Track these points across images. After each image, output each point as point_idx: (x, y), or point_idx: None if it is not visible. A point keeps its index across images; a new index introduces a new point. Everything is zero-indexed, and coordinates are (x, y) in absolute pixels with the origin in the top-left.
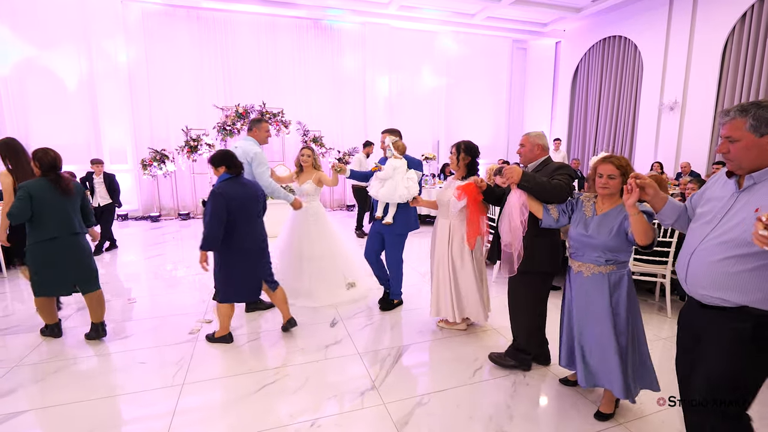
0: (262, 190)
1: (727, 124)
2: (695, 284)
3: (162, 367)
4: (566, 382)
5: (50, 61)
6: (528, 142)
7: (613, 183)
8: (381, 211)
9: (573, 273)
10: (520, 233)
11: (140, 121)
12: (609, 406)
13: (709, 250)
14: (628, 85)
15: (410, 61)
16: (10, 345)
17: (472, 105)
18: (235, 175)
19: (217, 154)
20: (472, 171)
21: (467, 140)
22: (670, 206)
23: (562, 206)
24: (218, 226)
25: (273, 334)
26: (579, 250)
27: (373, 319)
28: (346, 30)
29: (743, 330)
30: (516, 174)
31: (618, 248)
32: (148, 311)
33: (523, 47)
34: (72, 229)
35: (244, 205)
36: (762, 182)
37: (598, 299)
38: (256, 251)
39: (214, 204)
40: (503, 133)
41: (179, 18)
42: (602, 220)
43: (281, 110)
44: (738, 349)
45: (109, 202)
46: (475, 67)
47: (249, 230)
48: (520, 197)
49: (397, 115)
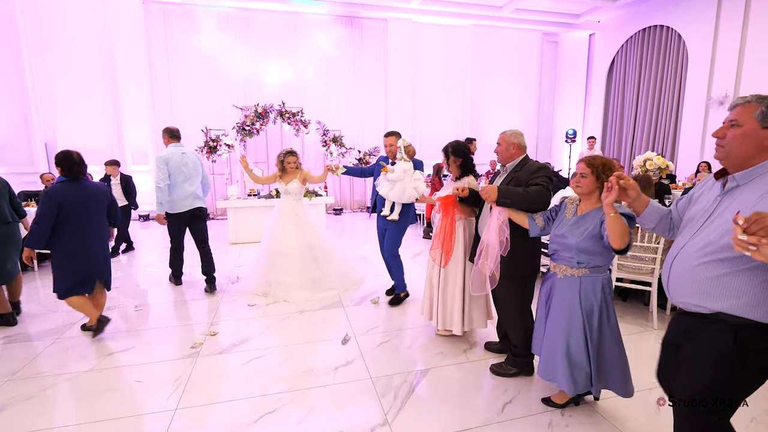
0: (108, 192)
1: (738, 107)
2: (676, 291)
3: (157, 387)
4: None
5: (75, 64)
6: (504, 141)
7: (585, 181)
8: (388, 209)
9: (549, 273)
10: (498, 253)
11: (161, 121)
12: (560, 397)
13: (688, 255)
14: (670, 79)
15: (434, 58)
16: (8, 355)
17: (498, 102)
18: (72, 179)
19: (59, 156)
20: (467, 169)
21: (453, 141)
22: (652, 209)
23: (546, 213)
24: (46, 226)
25: (283, 350)
26: (556, 251)
27: (389, 336)
28: (367, 26)
29: (724, 342)
30: (492, 192)
31: (591, 251)
32: (154, 320)
33: (554, 40)
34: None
35: (80, 207)
36: (744, 185)
37: (567, 302)
38: (88, 249)
39: (43, 206)
40: (532, 132)
41: (200, 18)
42: (579, 221)
43: (300, 109)
44: (720, 362)
45: (126, 204)
46: (503, 62)
47: (82, 230)
48: (500, 215)
49: (419, 114)
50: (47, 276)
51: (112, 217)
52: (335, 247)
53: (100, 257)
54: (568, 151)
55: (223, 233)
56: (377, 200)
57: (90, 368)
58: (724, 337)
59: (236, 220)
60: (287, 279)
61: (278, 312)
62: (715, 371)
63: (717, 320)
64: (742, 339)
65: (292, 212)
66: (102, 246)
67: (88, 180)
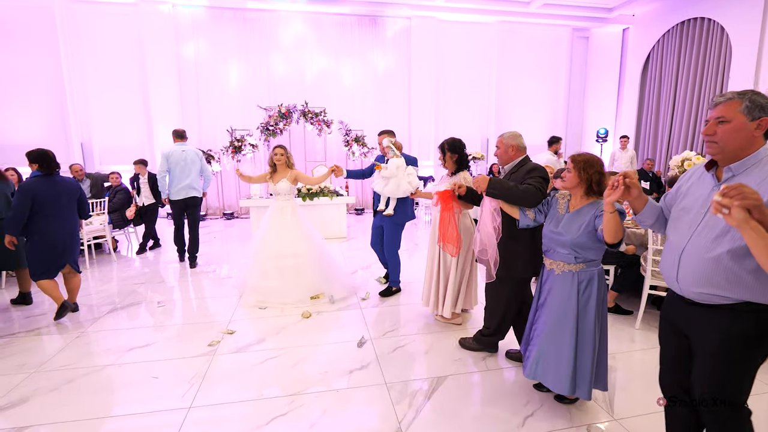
0: (78, 187)
1: (720, 105)
2: (688, 283)
3: (174, 384)
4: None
5: (109, 68)
6: (502, 144)
7: (568, 176)
8: (383, 204)
9: (546, 270)
10: (494, 239)
11: (189, 122)
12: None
13: (700, 246)
14: (711, 75)
15: (458, 56)
16: (37, 347)
17: (525, 101)
18: (47, 174)
19: (33, 153)
20: (463, 165)
21: (449, 138)
22: (650, 207)
23: (539, 207)
24: (21, 215)
25: (297, 350)
26: (550, 247)
27: (406, 340)
28: (391, 25)
29: (744, 332)
30: (483, 182)
31: (586, 245)
32: (176, 316)
33: (585, 36)
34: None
35: (52, 199)
36: (740, 174)
37: (567, 298)
38: (61, 236)
39: (19, 197)
40: (560, 132)
41: (226, 20)
42: (573, 217)
43: (323, 109)
44: (739, 349)
45: (153, 202)
46: (530, 59)
47: (55, 219)
48: (491, 203)
49: (443, 113)
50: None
51: (81, 209)
52: (329, 251)
53: (70, 245)
54: (599, 151)
55: (246, 232)
56: (375, 197)
57: (111, 362)
58: (744, 322)
59: (258, 218)
60: (276, 284)
61: (296, 312)
62: (735, 359)
63: (734, 308)
64: (763, 324)
65: (281, 214)
66: (72, 235)
67: (60, 175)
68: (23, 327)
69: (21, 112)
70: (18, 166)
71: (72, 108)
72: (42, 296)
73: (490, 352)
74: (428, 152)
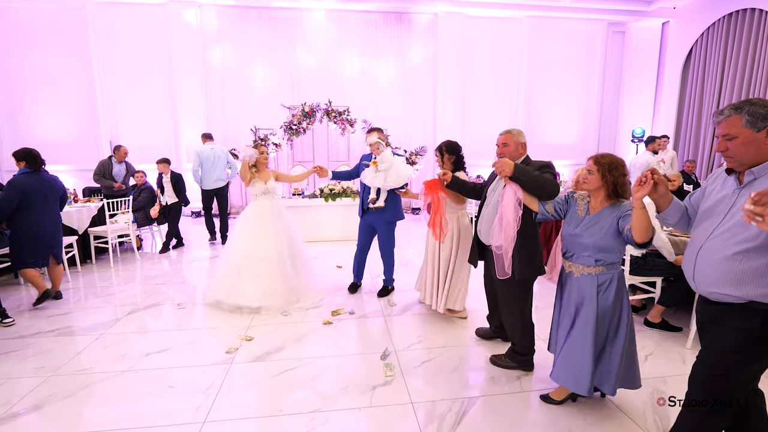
0: (62, 186)
1: (722, 123)
2: (703, 282)
3: (189, 394)
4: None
5: (138, 68)
6: (512, 141)
7: (591, 178)
8: (374, 193)
9: (565, 272)
10: (513, 231)
11: (214, 121)
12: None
13: (716, 247)
14: (762, 70)
15: (486, 52)
16: (57, 349)
17: (556, 99)
18: (35, 170)
19: (20, 152)
20: (459, 166)
21: (446, 141)
22: (675, 206)
23: (557, 203)
24: (7, 208)
25: (318, 362)
26: (570, 250)
27: (433, 354)
28: (417, 21)
29: (751, 329)
30: (508, 167)
31: (608, 248)
32: (194, 319)
33: (621, 30)
34: None
35: (39, 194)
36: (762, 177)
37: (586, 300)
38: (50, 228)
39: (7, 192)
40: (593, 131)
41: (251, 19)
42: (594, 219)
43: (347, 108)
44: (744, 348)
45: (176, 201)
46: (562, 56)
47: (42, 212)
48: (516, 193)
49: (470, 111)
50: (103, 270)
51: (61, 205)
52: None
53: (56, 236)
54: (634, 152)
55: None
56: (364, 197)
57: (128, 368)
58: (753, 326)
59: None
60: (255, 287)
61: (316, 319)
62: (734, 354)
63: (745, 309)
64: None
65: (274, 212)
66: (57, 226)
67: (47, 172)
68: (45, 327)
69: (53, 111)
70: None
71: (101, 107)
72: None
73: (525, 371)
74: None
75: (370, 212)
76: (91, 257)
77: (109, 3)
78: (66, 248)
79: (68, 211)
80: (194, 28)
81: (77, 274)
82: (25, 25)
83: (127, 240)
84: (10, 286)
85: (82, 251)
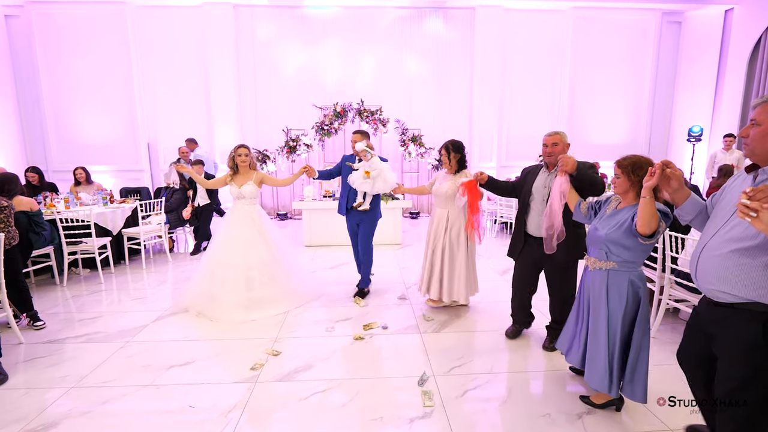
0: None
1: (757, 108)
2: (704, 280)
3: (209, 415)
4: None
5: (174, 70)
6: (561, 142)
7: (618, 182)
8: (361, 197)
9: (585, 266)
10: (558, 218)
11: (247, 122)
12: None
13: (717, 245)
14: None
15: (526, 48)
16: (81, 356)
17: (603, 96)
18: None
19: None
20: (462, 165)
21: (451, 140)
22: (692, 202)
23: (590, 203)
24: None
25: (348, 384)
26: (589, 244)
27: (478, 381)
28: (453, 17)
29: (755, 331)
30: (572, 162)
31: (619, 242)
32: (221, 329)
33: (677, 20)
34: None
35: None
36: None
37: (597, 295)
38: None
39: None
40: (643, 130)
41: (285, 18)
42: (614, 214)
43: (379, 108)
44: (752, 351)
45: (208, 203)
46: (609, 49)
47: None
48: (562, 185)
49: (508, 110)
50: (136, 271)
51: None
52: (294, 260)
53: None
54: (690, 152)
55: (298, 234)
56: (349, 198)
57: (149, 382)
58: (754, 325)
59: (311, 221)
60: (222, 295)
61: (347, 332)
62: (747, 361)
63: (746, 309)
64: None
65: (249, 219)
66: None
67: None
68: (74, 332)
69: (95, 114)
70: (88, 165)
71: (140, 109)
72: (93, 298)
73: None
74: (491, 152)
75: (354, 212)
76: (125, 258)
77: (147, 7)
78: (100, 249)
79: (103, 212)
80: (228, 28)
81: (110, 275)
82: (70, 31)
83: (160, 241)
84: (47, 285)
85: (116, 252)
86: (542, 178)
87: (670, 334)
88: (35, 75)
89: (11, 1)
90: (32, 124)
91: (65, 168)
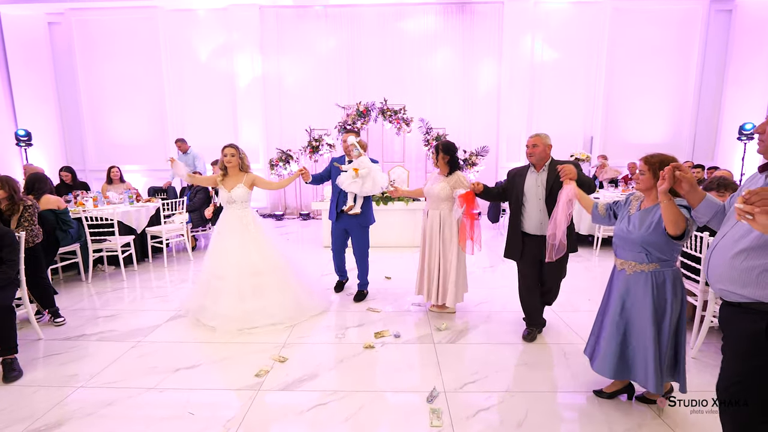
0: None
1: None
2: (715, 279)
3: (207, 425)
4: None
5: (201, 71)
6: (541, 143)
7: (643, 178)
8: (351, 200)
9: (616, 270)
10: (564, 225)
11: (272, 122)
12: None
13: (728, 245)
14: None
15: (558, 42)
16: (94, 354)
17: (642, 94)
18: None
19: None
20: (455, 166)
21: (444, 141)
22: (707, 204)
23: (608, 204)
24: None
25: (354, 397)
26: (620, 246)
27: (493, 399)
28: (480, 12)
29: (759, 330)
30: (573, 172)
31: (656, 244)
32: (231, 331)
33: (727, 9)
34: None
35: None
36: None
37: (642, 297)
38: None
39: None
40: (688, 128)
41: (309, 18)
42: (643, 215)
43: (403, 107)
44: (755, 350)
45: None
46: (650, 43)
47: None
48: (568, 193)
49: (538, 109)
50: (158, 271)
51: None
52: (296, 269)
53: None
54: (741, 150)
55: (317, 235)
56: (339, 201)
57: (154, 385)
58: (758, 325)
59: (328, 222)
60: (215, 308)
61: (358, 340)
62: (749, 360)
63: (752, 309)
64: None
65: (242, 225)
66: None
67: None
68: (90, 329)
69: (128, 115)
70: (121, 165)
71: (170, 110)
72: (115, 295)
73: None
74: (519, 153)
75: (344, 217)
76: (148, 256)
77: (177, 10)
78: (123, 247)
79: (128, 210)
80: (254, 30)
81: (133, 272)
82: (104, 36)
83: (183, 240)
84: (74, 281)
85: (140, 250)
86: (532, 178)
87: (714, 356)
88: (75, 78)
89: (54, 9)
90: (72, 125)
91: (101, 167)
